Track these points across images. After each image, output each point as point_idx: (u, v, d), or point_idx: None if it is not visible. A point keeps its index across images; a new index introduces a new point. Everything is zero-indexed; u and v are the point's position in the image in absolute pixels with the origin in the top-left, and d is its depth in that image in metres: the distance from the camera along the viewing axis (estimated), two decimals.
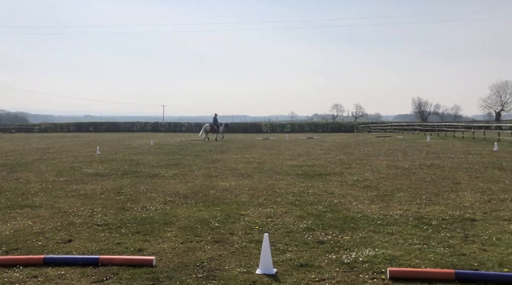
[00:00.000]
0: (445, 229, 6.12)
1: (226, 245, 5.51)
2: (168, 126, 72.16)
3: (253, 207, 7.74)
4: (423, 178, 11.05)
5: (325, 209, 7.56)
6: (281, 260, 4.91)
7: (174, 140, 33.09)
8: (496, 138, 26.64)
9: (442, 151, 19.32)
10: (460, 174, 11.65)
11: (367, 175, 11.69)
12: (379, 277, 4.36)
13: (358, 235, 5.89)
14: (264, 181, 10.85)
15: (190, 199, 8.64)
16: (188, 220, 6.86)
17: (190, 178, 11.64)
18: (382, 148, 21.52)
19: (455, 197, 8.42)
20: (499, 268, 4.56)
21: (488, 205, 7.67)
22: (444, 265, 4.65)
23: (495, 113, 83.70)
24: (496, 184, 9.84)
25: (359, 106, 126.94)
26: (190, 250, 5.34)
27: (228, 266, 4.76)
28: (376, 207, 7.68)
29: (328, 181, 10.78)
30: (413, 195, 8.75)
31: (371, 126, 63.46)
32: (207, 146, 24.45)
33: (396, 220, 6.65)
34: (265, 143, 27.74)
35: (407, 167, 13.29)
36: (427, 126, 43.43)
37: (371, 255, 5.00)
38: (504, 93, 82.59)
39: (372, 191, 9.31)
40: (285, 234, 6.01)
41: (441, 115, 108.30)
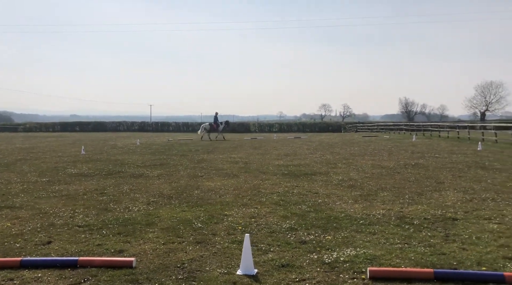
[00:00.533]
0: (427, 228, 6.17)
1: (208, 246, 5.48)
2: (155, 126, 71.73)
3: (237, 208, 7.71)
4: (407, 177, 11.14)
5: (309, 209, 7.57)
6: (263, 261, 4.89)
7: (161, 140, 32.88)
8: (480, 138, 27.01)
9: (427, 150, 19.51)
10: (444, 173, 11.77)
11: (352, 175, 11.74)
12: (359, 277, 4.37)
13: (340, 234, 5.90)
14: (249, 181, 10.83)
15: (174, 199, 8.58)
16: (170, 220, 6.81)
17: (175, 178, 11.57)
18: (368, 148, 21.66)
19: (437, 197, 8.50)
20: (477, 266, 4.60)
21: (470, 204, 7.76)
22: (424, 264, 4.68)
23: (480, 113, 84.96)
24: (479, 184, 9.96)
25: (346, 106, 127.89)
26: (171, 251, 5.29)
27: (209, 267, 4.73)
28: (359, 206, 7.71)
29: (313, 181, 10.80)
30: (396, 194, 8.81)
31: (358, 126, 63.87)
32: (194, 146, 24.34)
33: (378, 220, 6.68)
34: (253, 143, 27.73)
35: (392, 167, 13.39)
36: (413, 126, 43.87)
37: (352, 254, 5.01)
38: (489, 93, 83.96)
39: (356, 190, 9.35)
40: (268, 234, 5.99)
41: (427, 115, 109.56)
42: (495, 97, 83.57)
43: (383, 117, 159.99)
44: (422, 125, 43.64)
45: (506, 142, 24.12)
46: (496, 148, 20.30)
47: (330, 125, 70.48)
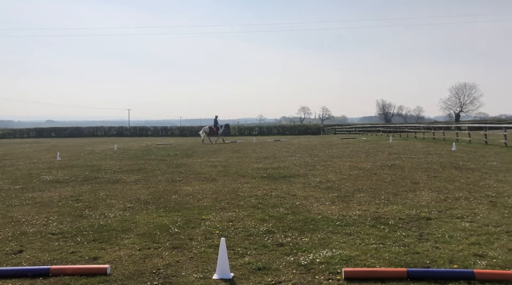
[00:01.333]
0: (401, 228, 6.27)
1: (185, 251, 5.44)
2: (134, 131, 70.90)
3: (215, 212, 7.68)
4: (384, 178, 11.30)
5: (287, 211, 7.59)
6: (239, 264, 4.89)
7: (139, 145, 32.53)
8: (454, 139, 27.63)
9: (403, 151, 19.85)
10: (419, 174, 11.99)
11: (330, 177, 11.84)
12: (334, 277, 4.40)
13: (317, 236, 5.94)
14: (228, 185, 10.80)
15: (151, 204, 8.49)
16: (147, 226, 6.73)
17: (152, 183, 11.45)
18: (346, 150, 21.90)
19: (412, 197, 8.65)
20: (449, 264, 4.70)
21: (444, 203, 7.92)
22: (398, 264, 4.75)
23: (454, 114, 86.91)
24: (452, 183, 10.18)
25: (325, 109, 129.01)
26: (147, 257, 5.23)
27: (185, 272, 4.70)
28: (336, 208, 7.78)
29: (292, 183, 10.85)
30: (372, 195, 8.92)
31: (337, 128, 64.54)
32: (173, 151, 24.16)
33: (354, 221, 6.76)
34: (232, 146, 27.69)
35: (369, 168, 13.57)
36: (390, 128, 44.59)
37: (328, 256, 5.05)
38: (463, 95, 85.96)
39: (333, 192, 9.44)
40: (245, 237, 5.99)
41: (404, 117, 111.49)
42: (469, 99, 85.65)
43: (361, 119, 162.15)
44: (399, 126, 44.40)
45: (480, 142, 24.74)
46: (469, 148, 20.80)
47: (310, 127, 70.97)
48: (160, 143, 34.03)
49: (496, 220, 6.58)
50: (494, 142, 23.68)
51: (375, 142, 28.58)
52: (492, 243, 5.41)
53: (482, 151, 19.12)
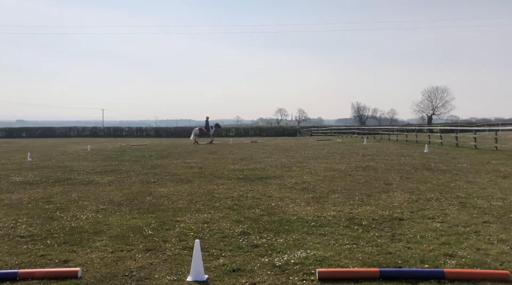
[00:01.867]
0: (374, 228, 6.36)
1: (158, 253, 5.37)
2: (108, 131, 69.75)
3: (190, 213, 7.62)
4: (358, 179, 11.45)
5: (263, 212, 7.60)
6: (214, 266, 4.86)
7: (113, 146, 31.99)
8: (427, 141, 28.27)
9: (377, 153, 20.18)
10: (392, 175, 12.20)
11: (305, 178, 11.92)
12: (308, 278, 4.43)
13: (292, 237, 5.97)
14: (204, 186, 10.74)
15: (124, 206, 8.35)
16: (120, 228, 6.62)
17: (126, 184, 11.27)
18: (321, 151, 22.10)
19: (386, 198, 8.80)
20: (420, 264, 4.80)
21: (416, 204, 8.08)
22: (370, 264, 4.82)
23: (427, 117, 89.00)
24: (424, 184, 10.40)
25: (302, 111, 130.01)
26: (119, 260, 5.14)
27: (159, 275, 4.63)
28: (311, 209, 7.84)
29: (268, 185, 10.87)
30: (347, 196, 9.03)
31: (313, 130, 65.13)
32: (148, 152, 23.86)
33: (329, 221, 6.82)
34: (209, 148, 27.56)
35: (343, 169, 13.73)
36: (365, 130, 45.32)
37: (302, 256, 5.08)
38: (435, 98, 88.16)
39: (309, 193, 9.50)
40: (220, 239, 5.96)
41: (378, 119, 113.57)
42: (441, 102, 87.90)
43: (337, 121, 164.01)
44: (373, 129, 45.18)
45: (451, 144, 25.40)
46: (441, 150, 21.32)
47: (286, 129, 71.40)
48: (135, 144, 33.57)
49: (466, 220, 6.76)
50: (464, 144, 24.35)
51: (350, 144, 28.95)
52: (461, 243, 5.55)
53: (453, 153, 19.63)
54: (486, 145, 22.94)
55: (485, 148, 21.56)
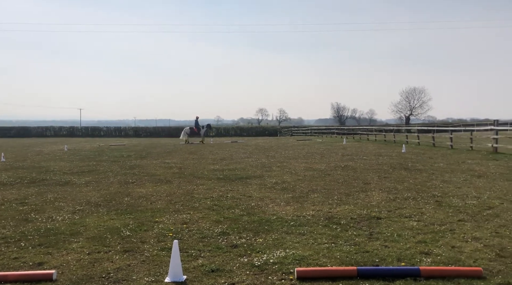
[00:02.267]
0: (353, 227, 6.43)
1: (136, 254, 5.31)
2: (86, 131, 68.68)
3: (168, 214, 7.55)
4: (337, 179, 11.56)
5: (242, 212, 7.59)
6: (193, 267, 4.83)
7: (91, 146, 31.49)
8: (404, 141, 28.74)
9: (356, 153, 20.41)
10: (371, 175, 12.36)
11: (285, 178, 11.97)
12: (287, 278, 4.45)
13: (271, 237, 5.98)
14: (183, 187, 10.67)
15: (102, 207, 8.23)
16: (97, 229, 6.51)
17: (104, 185, 11.10)
18: (302, 151, 22.23)
19: (364, 197, 8.90)
20: (397, 262, 4.87)
21: (393, 203, 8.20)
22: (348, 262, 4.87)
23: (405, 117, 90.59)
24: (402, 184, 10.57)
25: (282, 111, 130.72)
26: (96, 261, 5.06)
27: (136, 276, 4.58)
28: (291, 208, 7.87)
29: (248, 185, 10.87)
30: (326, 196, 9.11)
31: (293, 130, 65.48)
32: (126, 152, 23.57)
33: (308, 221, 6.86)
34: (188, 148, 27.39)
35: (323, 169, 13.84)
36: (344, 130, 45.81)
37: (281, 256, 5.09)
38: (413, 98, 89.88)
39: (288, 193, 9.54)
40: (199, 239, 5.93)
41: (357, 119, 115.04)
42: (418, 102, 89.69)
43: (317, 121, 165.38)
44: (352, 129, 45.72)
45: (428, 144, 25.89)
46: (418, 150, 21.71)
47: (267, 129, 71.63)
48: (113, 144, 33.12)
49: (441, 219, 6.90)
50: (441, 144, 24.86)
51: (329, 144, 29.21)
52: (437, 241, 5.66)
53: (430, 153, 20.02)
54: (461, 145, 23.47)
55: (460, 148, 22.06)
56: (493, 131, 19.98)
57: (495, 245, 5.46)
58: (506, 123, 52.57)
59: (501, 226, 6.38)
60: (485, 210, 7.42)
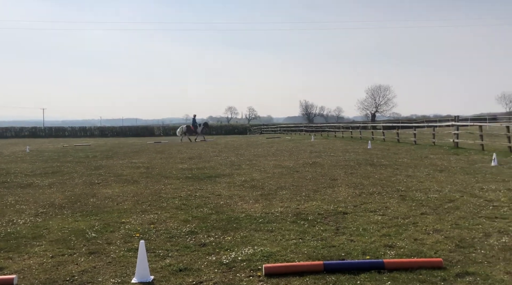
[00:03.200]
0: (320, 223, 6.53)
1: (102, 256, 5.21)
2: (49, 131, 66.62)
3: (135, 214, 7.44)
4: (305, 176, 11.70)
5: (211, 211, 7.58)
6: (160, 266, 4.78)
7: (54, 146, 30.57)
8: (370, 137, 29.39)
9: (324, 150, 20.71)
10: (338, 171, 12.58)
11: (254, 175, 12.01)
12: (255, 274, 4.48)
13: (239, 234, 6.00)
14: (150, 186, 10.53)
15: (66, 209, 8.01)
16: (61, 232, 6.35)
17: (68, 186, 10.81)
18: (271, 149, 22.35)
19: (331, 193, 9.05)
20: (362, 256, 4.99)
21: (359, 198, 8.38)
22: (315, 257, 4.95)
23: (371, 114, 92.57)
24: (367, 179, 10.81)
25: (252, 109, 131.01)
26: (60, 264, 4.93)
27: (102, 278, 4.50)
28: (259, 206, 7.91)
29: (217, 183, 10.84)
30: (294, 192, 9.20)
31: (263, 128, 65.74)
32: (91, 152, 23.02)
33: (276, 217, 6.92)
34: (156, 147, 27.03)
35: (291, 166, 13.97)
36: (312, 127, 46.39)
37: (250, 253, 5.12)
38: (378, 96, 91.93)
39: (257, 190, 9.59)
40: (167, 239, 5.88)
41: (325, 117, 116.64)
42: (383, 100, 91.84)
43: (286, 119, 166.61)
44: (320, 126, 46.35)
45: (393, 140, 26.57)
46: (383, 146, 22.25)
47: (236, 127, 71.57)
48: (78, 144, 32.28)
49: (405, 212, 7.11)
50: (405, 140, 25.55)
51: (298, 141, 29.50)
52: (400, 234, 5.83)
53: (395, 148, 20.55)
54: (425, 140, 24.21)
55: (424, 144, 22.76)
56: (454, 127, 20.73)
57: (455, 236, 5.67)
58: (466, 119, 54.66)
59: (461, 218, 6.63)
60: (446, 203, 7.70)
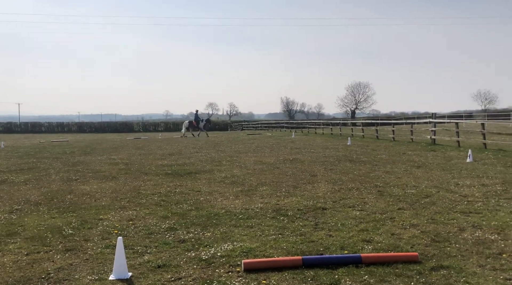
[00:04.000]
0: (299, 218, 6.58)
1: (79, 253, 5.13)
2: (25, 127, 65.16)
3: (114, 211, 7.35)
4: (286, 172, 11.76)
5: (190, 207, 7.54)
6: (138, 263, 4.74)
7: (31, 142, 29.91)
8: (350, 134, 29.70)
9: (304, 146, 20.84)
10: (317, 167, 12.68)
11: (235, 172, 12.00)
12: (234, 270, 4.48)
13: (219, 230, 5.99)
14: (129, 183, 10.41)
15: (42, 206, 7.86)
16: (37, 229, 6.22)
17: (45, 183, 10.60)
18: (251, 145, 22.37)
19: (311, 189, 9.12)
20: (340, 250, 5.05)
21: (338, 194, 8.47)
22: (294, 252, 4.98)
23: (350, 111, 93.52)
24: (346, 175, 10.93)
25: (233, 105, 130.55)
26: (35, 262, 4.84)
27: (79, 275, 4.43)
28: (239, 202, 7.92)
29: (197, 179, 10.79)
30: (274, 188, 9.24)
31: (244, 124, 65.71)
32: (69, 148, 22.63)
33: (256, 213, 6.94)
34: (136, 143, 26.73)
35: (272, 162, 14.02)
36: (293, 124, 46.63)
37: (229, 249, 5.12)
38: (358, 93, 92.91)
39: (238, 186, 9.59)
40: (146, 236, 5.83)
41: (306, 113, 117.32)
42: (363, 97, 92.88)
43: (267, 115, 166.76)
44: (301, 123, 46.63)
45: (372, 137, 26.92)
46: (362, 143, 22.52)
47: (217, 123, 71.31)
48: (56, 140, 31.66)
49: (383, 208, 7.22)
50: (384, 137, 25.93)
51: (279, 138, 29.60)
52: (378, 229, 5.92)
53: (374, 145, 20.83)
54: (403, 137, 24.61)
55: (402, 140, 23.12)
56: (432, 124, 21.12)
57: (431, 231, 5.79)
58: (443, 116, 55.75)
59: (437, 213, 6.77)
60: (423, 199, 7.85)
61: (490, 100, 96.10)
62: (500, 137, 20.20)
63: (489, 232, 5.65)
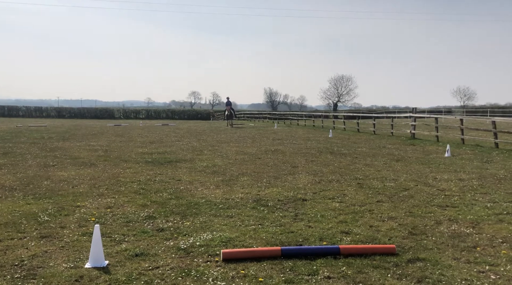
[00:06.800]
0: (279, 209, 6.59)
1: (55, 240, 5.03)
2: (1, 111, 63.52)
3: (92, 198, 7.23)
4: (267, 162, 11.76)
5: (170, 196, 7.47)
6: (115, 251, 4.67)
7: (7, 126, 29.20)
8: (332, 126, 29.91)
9: (286, 137, 20.89)
10: (299, 158, 12.72)
11: (216, 161, 11.95)
12: (213, 259, 4.46)
13: (199, 220, 5.95)
14: (108, 170, 10.25)
15: (17, 191, 7.68)
16: (11, 215, 6.07)
17: (21, 168, 10.36)
18: (234, 135, 22.31)
19: (292, 180, 9.15)
20: (319, 242, 5.08)
21: (318, 185, 8.52)
22: (273, 243, 4.99)
23: (333, 103, 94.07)
24: (327, 167, 11.00)
25: (216, 94, 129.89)
26: (8, 249, 4.72)
27: (54, 262, 4.34)
28: (220, 191, 7.88)
29: (177, 168, 10.70)
30: (255, 179, 9.23)
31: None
32: (47, 133, 22.18)
33: (237, 203, 6.92)
34: (116, 130, 26.36)
35: (254, 153, 14.00)
36: (276, 115, 46.66)
37: (208, 238, 5.10)
38: (340, 86, 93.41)
39: (219, 176, 9.54)
40: (124, 224, 5.75)
41: (289, 105, 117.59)
42: (345, 90, 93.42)
43: (250, 106, 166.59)
44: (284, 114, 46.68)
45: (353, 130, 27.15)
46: (344, 135, 22.70)
47: (200, 112, 70.86)
48: (33, 125, 30.97)
49: (362, 200, 7.29)
50: (365, 130, 26.18)
51: (261, 128, 29.60)
52: (356, 221, 5.98)
53: (354, 138, 21.02)
54: (383, 131, 24.89)
55: (382, 134, 23.40)
56: (412, 119, 21.40)
57: (408, 223, 5.87)
58: (423, 111, 56.56)
59: (414, 206, 6.87)
60: (402, 192, 7.96)
61: (469, 97, 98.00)
62: (478, 133, 20.63)
63: (465, 226, 5.77)
